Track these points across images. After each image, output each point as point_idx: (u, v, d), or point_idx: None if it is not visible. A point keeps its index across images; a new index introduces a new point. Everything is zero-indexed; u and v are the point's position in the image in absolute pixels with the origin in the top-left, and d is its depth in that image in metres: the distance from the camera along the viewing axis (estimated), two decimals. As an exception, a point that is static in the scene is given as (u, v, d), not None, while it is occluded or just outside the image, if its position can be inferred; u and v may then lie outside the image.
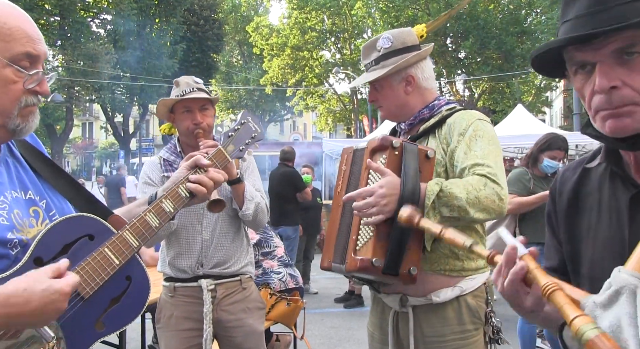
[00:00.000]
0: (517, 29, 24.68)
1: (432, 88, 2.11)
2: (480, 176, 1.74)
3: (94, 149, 52.69)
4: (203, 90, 2.59)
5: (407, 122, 2.10)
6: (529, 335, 4.23)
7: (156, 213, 1.39)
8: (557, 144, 4.14)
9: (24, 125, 1.24)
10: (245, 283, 2.63)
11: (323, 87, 32.69)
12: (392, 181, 1.71)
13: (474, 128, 1.87)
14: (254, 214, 2.50)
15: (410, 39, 2.07)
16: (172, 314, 2.58)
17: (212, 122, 2.61)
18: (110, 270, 1.26)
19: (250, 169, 2.68)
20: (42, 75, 1.24)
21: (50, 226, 1.21)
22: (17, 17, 1.21)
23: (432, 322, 1.91)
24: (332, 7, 28.67)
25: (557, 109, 35.56)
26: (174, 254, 2.58)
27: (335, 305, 7.07)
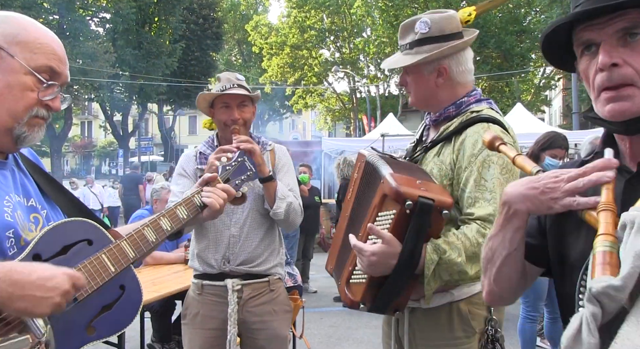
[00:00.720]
0: (516, 28, 24.69)
1: (466, 82, 1.95)
2: (479, 226, 1.69)
3: (93, 148, 52.68)
4: (243, 86, 2.58)
5: (432, 117, 2.00)
6: (530, 334, 4.23)
7: (154, 229, 1.44)
8: (558, 143, 4.14)
9: (28, 134, 1.29)
10: (273, 285, 2.58)
11: (322, 86, 32.68)
12: (387, 252, 1.63)
13: (489, 152, 1.74)
14: (285, 213, 2.46)
15: (450, 27, 1.89)
16: (199, 312, 2.57)
17: (250, 118, 2.60)
18: (106, 276, 1.29)
19: (285, 168, 2.65)
20: (58, 90, 1.32)
21: (52, 226, 1.25)
22: (51, 38, 1.32)
23: (424, 326, 1.88)
24: (331, 6, 28.67)
25: (556, 108, 35.58)
26: (202, 247, 2.58)
27: (334, 304, 7.07)
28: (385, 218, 1.68)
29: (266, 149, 2.65)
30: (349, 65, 29.96)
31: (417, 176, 1.74)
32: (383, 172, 1.74)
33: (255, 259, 2.54)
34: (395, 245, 1.62)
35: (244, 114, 2.56)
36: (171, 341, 4.87)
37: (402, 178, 1.67)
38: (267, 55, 31.36)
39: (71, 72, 1.40)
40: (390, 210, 1.66)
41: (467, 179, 1.76)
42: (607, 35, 1.02)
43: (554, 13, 17.94)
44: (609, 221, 0.91)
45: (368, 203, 1.80)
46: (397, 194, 1.60)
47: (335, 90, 33.10)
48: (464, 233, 1.69)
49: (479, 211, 1.71)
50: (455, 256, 1.66)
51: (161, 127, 36.48)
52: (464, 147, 1.81)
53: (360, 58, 31.12)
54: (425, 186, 1.67)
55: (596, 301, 0.82)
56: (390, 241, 1.62)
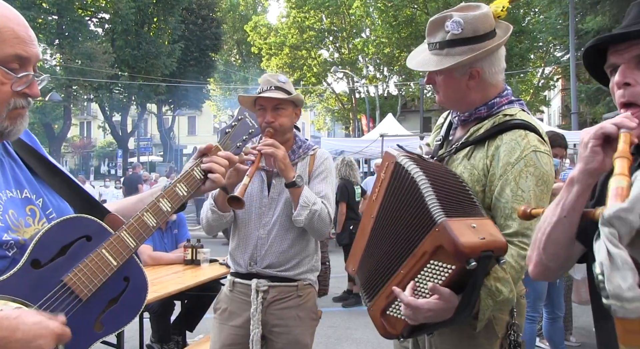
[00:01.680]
0: (515, 29, 24.46)
1: (498, 82, 1.85)
2: (519, 246, 1.66)
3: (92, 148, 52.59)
4: (282, 89, 2.53)
5: (461, 116, 1.91)
6: (529, 334, 4.23)
7: (153, 213, 1.37)
8: (557, 142, 4.14)
9: (11, 128, 1.23)
10: (301, 290, 2.55)
11: (321, 86, 32.67)
12: (446, 308, 1.56)
13: (526, 162, 1.69)
14: (306, 221, 2.41)
15: (483, 26, 1.77)
16: (227, 308, 2.59)
17: (286, 122, 2.54)
18: (108, 271, 1.25)
19: (323, 175, 2.58)
20: (32, 77, 1.22)
21: (47, 228, 1.20)
22: (7, 18, 1.18)
23: (445, 331, 1.82)
24: (331, 7, 28.65)
25: (555, 108, 35.59)
26: (234, 246, 2.61)
27: (333, 304, 7.06)
28: (439, 269, 1.58)
29: (307, 154, 2.62)
30: (348, 66, 29.95)
31: (467, 211, 1.62)
32: (433, 209, 1.58)
33: (283, 263, 2.52)
34: (452, 300, 1.56)
35: (279, 118, 2.52)
36: (170, 342, 4.86)
37: (459, 225, 1.54)
38: (266, 55, 31.35)
39: (70, 73, 1.36)
40: (447, 263, 1.56)
41: (503, 188, 1.70)
42: (625, 59, 1.22)
43: (553, 13, 17.93)
44: (623, 165, 1.04)
45: (411, 230, 1.66)
46: (461, 254, 1.49)
47: (334, 91, 33.10)
48: (510, 264, 1.64)
49: (515, 225, 1.67)
50: (507, 293, 1.63)
51: (160, 127, 36.45)
52: (499, 153, 1.73)
53: (359, 58, 31.11)
54: (479, 227, 1.56)
55: (610, 225, 0.92)
56: (449, 298, 1.55)
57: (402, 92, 29.27)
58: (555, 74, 26.12)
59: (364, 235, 1.90)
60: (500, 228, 1.67)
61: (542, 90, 27.94)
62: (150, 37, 27.92)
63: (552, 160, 1.77)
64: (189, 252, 4.66)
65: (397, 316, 1.71)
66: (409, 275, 1.64)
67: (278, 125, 2.51)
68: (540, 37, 23.34)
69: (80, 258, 1.22)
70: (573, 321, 5.25)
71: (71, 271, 1.20)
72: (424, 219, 1.60)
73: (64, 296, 1.18)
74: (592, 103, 16.02)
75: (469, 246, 1.48)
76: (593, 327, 5.06)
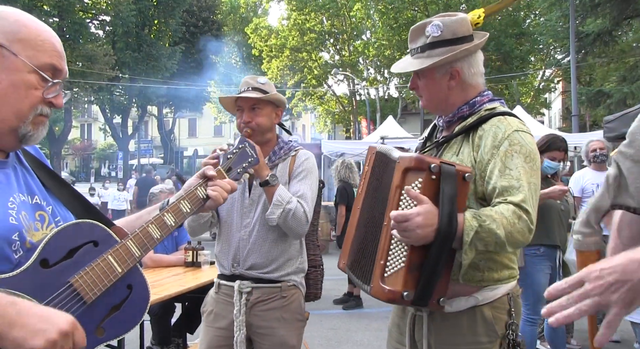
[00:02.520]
0: (515, 31, 24.73)
1: (477, 84, 1.95)
2: (515, 208, 1.66)
3: (93, 150, 52.68)
4: (260, 90, 2.57)
5: (445, 118, 1.99)
6: (530, 337, 4.23)
7: (158, 226, 1.42)
8: (556, 145, 4.13)
9: (33, 133, 1.28)
10: (285, 291, 2.53)
11: (322, 89, 32.70)
12: (431, 212, 1.61)
13: (511, 142, 1.75)
14: (279, 220, 2.41)
15: (462, 29, 1.89)
16: (213, 310, 2.60)
17: (264, 121, 2.57)
18: (113, 277, 1.27)
19: (302, 174, 2.58)
20: (60, 87, 1.31)
21: (57, 230, 1.23)
22: (50, 34, 1.30)
23: (445, 330, 1.85)
24: (331, 9, 28.70)
25: (555, 111, 35.58)
26: (218, 249, 2.63)
27: (334, 307, 7.06)
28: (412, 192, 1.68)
29: (289, 155, 2.63)
30: (348, 68, 29.98)
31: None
32: (395, 154, 1.74)
33: (267, 265, 2.52)
34: (432, 206, 1.62)
35: (256, 118, 2.55)
36: (171, 344, 4.85)
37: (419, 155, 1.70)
38: (266, 57, 31.38)
39: (71, 74, 1.40)
40: (415, 180, 1.66)
41: (492, 171, 1.75)
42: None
43: (554, 16, 17.92)
44: None
45: (387, 188, 1.76)
46: (420, 161, 1.63)
47: (335, 93, 33.13)
48: (500, 211, 1.66)
49: (511, 198, 1.69)
50: (494, 227, 1.63)
51: (161, 129, 36.52)
52: (483, 141, 1.80)
53: (360, 61, 31.15)
54: (440, 159, 1.71)
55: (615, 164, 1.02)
56: (427, 201, 1.62)
57: (402, 95, 29.29)
58: (555, 76, 26.14)
59: (352, 229, 1.96)
60: (496, 200, 1.73)
61: (543, 92, 27.95)
62: (151, 39, 27.98)
63: (534, 141, 1.84)
64: (190, 254, 4.66)
65: (395, 271, 1.69)
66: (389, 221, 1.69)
67: (255, 125, 2.53)
68: (541, 40, 23.35)
69: (86, 262, 1.25)
70: (574, 324, 5.25)
71: (78, 274, 1.22)
72: (390, 166, 1.76)
73: (69, 297, 1.21)
74: (592, 106, 16.03)
75: (427, 158, 1.66)
76: (594, 330, 4.94)
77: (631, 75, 14.56)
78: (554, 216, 4.08)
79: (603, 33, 13.86)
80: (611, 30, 13.84)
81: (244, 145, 1.88)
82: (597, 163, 5.36)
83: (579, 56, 15.51)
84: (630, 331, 5.47)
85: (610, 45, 14.72)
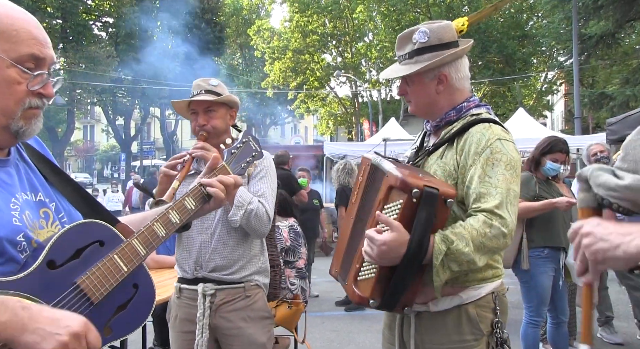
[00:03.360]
0: (518, 33, 24.70)
1: (464, 88, 2.01)
2: (485, 217, 1.71)
3: (95, 152, 52.76)
4: (213, 92, 2.55)
5: (433, 123, 2.04)
6: (532, 339, 4.22)
7: (163, 223, 1.41)
8: (558, 146, 4.13)
9: (26, 128, 1.24)
10: (249, 291, 2.54)
11: (324, 90, 32.70)
12: (397, 240, 1.66)
13: (492, 150, 1.79)
14: (242, 221, 2.39)
15: (447, 35, 1.96)
16: (177, 315, 2.59)
17: (219, 124, 2.56)
18: (119, 277, 1.26)
19: (261, 174, 2.57)
20: (47, 77, 1.24)
21: (63, 231, 1.21)
22: (25, 20, 1.21)
23: (432, 330, 1.89)
24: (334, 11, 28.71)
25: (558, 113, 35.55)
26: (179, 252, 2.60)
27: (336, 308, 7.06)
28: (392, 209, 1.72)
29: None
30: (351, 70, 29.98)
31: (419, 172, 1.82)
32: (386, 167, 1.79)
33: (229, 266, 2.50)
34: (403, 233, 1.66)
35: (211, 120, 2.54)
36: (173, 345, 4.85)
37: (406, 172, 1.72)
38: (269, 59, 31.39)
39: (74, 76, 1.37)
40: (397, 200, 1.70)
41: (472, 177, 1.79)
42: None
43: (556, 18, 17.91)
44: None
45: (373, 200, 1.82)
46: (404, 183, 1.66)
47: (337, 95, 33.12)
48: (470, 224, 1.71)
49: (485, 205, 1.73)
50: (462, 246, 1.67)
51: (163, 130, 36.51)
52: (466, 146, 1.84)
53: (362, 62, 31.16)
54: (428, 179, 1.73)
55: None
56: (398, 228, 1.66)
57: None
58: (558, 79, 26.11)
59: (344, 237, 2.01)
60: (470, 210, 1.78)
61: (545, 94, 27.91)
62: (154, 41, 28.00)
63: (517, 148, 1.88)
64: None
65: (366, 278, 1.79)
66: (371, 226, 1.76)
67: (210, 128, 2.54)
68: (544, 42, 23.35)
69: (93, 262, 1.24)
70: (577, 327, 5.23)
71: (84, 274, 1.21)
72: (380, 179, 1.80)
73: (76, 298, 1.20)
74: (595, 108, 16.00)
75: (412, 180, 1.67)
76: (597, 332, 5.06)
77: (634, 77, 14.53)
78: (559, 218, 4.09)
79: (606, 35, 13.84)
80: (614, 33, 13.81)
81: (247, 138, 1.87)
82: (599, 166, 5.36)
83: (581, 58, 15.49)
84: (633, 334, 5.46)
85: (613, 47, 14.70)
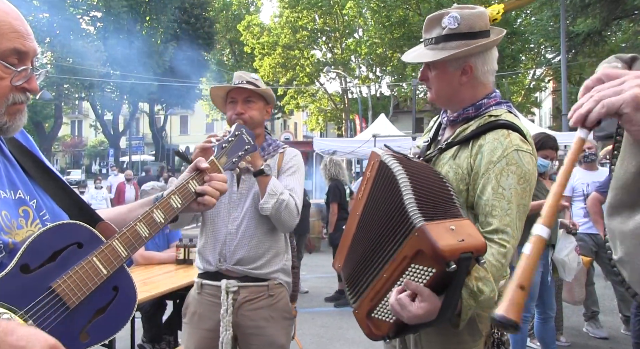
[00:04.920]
0: (507, 30, 24.78)
1: (488, 82, 1.90)
2: (499, 243, 1.68)
3: (83, 147, 52.33)
4: (253, 84, 2.55)
5: (450, 116, 1.94)
6: (520, 334, 4.25)
7: (147, 223, 1.34)
8: (549, 144, 4.17)
9: (10, 124, 1.21)
10: (272, 290, 2.50)
11: (314, 87, 32.68)
12: (430, 311, 1.57)
13: (508, 161, 1.71)
14: (273, 210, 2.38)
15: (479, 24, 1.82)
16: (196, 311, 2.55)
17: (256, 115, 2.55)
18: (98, 280, 1.21)
19: (290, 171, 2.57)
20: (30, 72, 1.21)
21: (39, 233, 1.16)
22: (5, 12, 1.17)
23: (432, 330, 1.84)
24: (324, 7, 28.68)
25: (546, 110, 35.81)
26: (202, 244, 2.57)
27: (325, 304, 7.07)
28: (420, 273, 1.60)
29: (277, 152, 2.63)
30: (340, 66, 29.98)
31: (446, 213, 1.63)
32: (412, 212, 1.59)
33: (254, 260, 2.47)
34: (435, 302, 1.57)
35: (249, 110, 2.53)
36: (162, 342, 4.85)
37: (437, 229, 1.54)
38: (259, 55, 31.31)
39: (62, 71, 1.33)
40: (427, 266, 1.57)
41: (485, 186, 1.72)
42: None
43: (545, 15, 18.01)
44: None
45: (391, 237, 1.67)
46: (440, 257, 1.51)
47: (327, 91, 33.11)
48: (490, 262, 1.65)
49: (495, 222, 1.69)
50: (488, 292, 1.62)
51: (152, 126, 36.33)
52: (482, 152, 1.76)
53: (352, 59, 31.16)
54: (458, 228, 1.57)
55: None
56: (430, 298, 1.56)
57: (394, 93, 29.34)
58: (546, 76, 26.29)
59: (349, 232, 1.92)
60: (481, 226, 1.70)
61: (534, 91, 28.10)
62: (143, 36, 27.81)
63: (536, 159, 1.79)
64: (181, 251, 4.65)
65: (382, 318, 1.72)
66: (391, 279, 1.65)
67: (248, 117, 2.51)
68: (532, 39, 23.45)
69: (70, 265, 1.19)
70: (564, 321, 5.29)
71: (60, 278, 1.16)
72: (404, 222, 1.61)
73: (51, 303, 1.15)
74: (582, 105, 16.09)
75: (448, 250, 1.49)
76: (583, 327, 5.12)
77: (621, 75, 14.66)
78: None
79: (593, 33, 13.94)
80: (601, 30, 13.92)
81: (240, 132, 1.80)
82: (587, 163, 5.42)
83: (569, 55, 15.61)
84: (618, 328, 5.53)
85: (600, 45, 14.81)
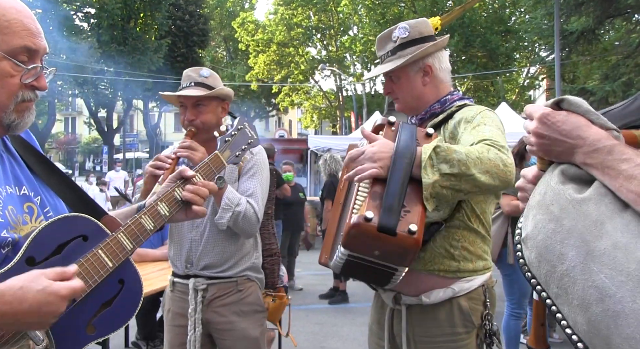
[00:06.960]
0: (501, 28, 24.87)
1: (447, 81, 2.06)
2: (484, 143, 1.63)
3: (77, 144, 52.08)
4: (203, 84, 2.44)
5: (418, 116, 2.06)
6: (514, 331, 4.28)
7: (151, 216, 1.34)
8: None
9: (19, 121, 1.22)
10: (241, 285, 2.49)
11: (309, 84, 32.64)
12: (385, 142, 1.60)
13: (482, 116, 1.82)
14: (229, 223, 2.32)
15: (427, 30, 2.03)
16: (170, 308, 2.57)
17: (209, 118, 2.44)
18: (104, 273, 1.21)
19: (252, 171, 2.46)
20: (40, 70, 1.22)
21: (44, 226, 1.16)
22: (17, 10, 1.20)
23: (424, 322, 1.89)
24: (318, 4, 28.64)
25: (540, 108, 35.93)
26: (171, 249, 2.58)
27: (320, 301, 7.09)
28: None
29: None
30: (335, 63, 29.95)
31: None
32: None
33: (221, 264, 2.46)
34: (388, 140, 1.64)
35: (200, 115, 2.42)
36: (156, 339, 4.85)
37: None
38: (253, 52, 31.24)
39: (55, 67, 1.33)
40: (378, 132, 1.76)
41: (464, 138, 1.79)
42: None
43: (539, 14, 18.05)
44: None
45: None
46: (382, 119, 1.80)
47: (322, 88, 33.08)
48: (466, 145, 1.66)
49: (476, 139, 1.69)
50: (455, 146, 1.57)
51: (146, 123, 36.15)
52: (457, 122, 1.88)
53: (347, 56, 31.14)
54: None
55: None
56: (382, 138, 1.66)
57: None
58: (540, 74, 26.35)
59: (334, 222, 1.96)
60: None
61: (528, 89, 28.16)
62: (137, 33, 27.66)
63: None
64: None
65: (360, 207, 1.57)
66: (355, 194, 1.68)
67: (200, 123, 2.41)
68: (526, 37, 23.49)
69: (75, 257, 1.18)
70: (556, 318, 5.32)
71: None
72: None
73: None
74: (576, 103, 16.14)
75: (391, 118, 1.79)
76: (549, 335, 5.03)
77: (613, 73, 14.70)
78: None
79: (586, 31, 13.98)
80: (594, 29, 13.96)
81: (243, 125, 1.79)
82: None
83: (563, 54, 15.65)
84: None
85: (593, 43, 14.86)
